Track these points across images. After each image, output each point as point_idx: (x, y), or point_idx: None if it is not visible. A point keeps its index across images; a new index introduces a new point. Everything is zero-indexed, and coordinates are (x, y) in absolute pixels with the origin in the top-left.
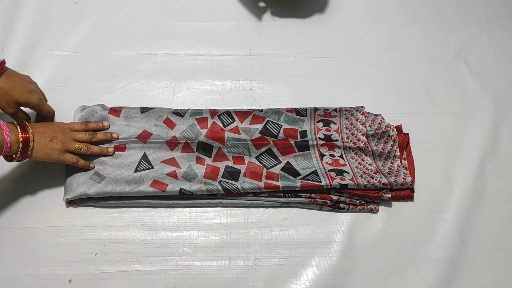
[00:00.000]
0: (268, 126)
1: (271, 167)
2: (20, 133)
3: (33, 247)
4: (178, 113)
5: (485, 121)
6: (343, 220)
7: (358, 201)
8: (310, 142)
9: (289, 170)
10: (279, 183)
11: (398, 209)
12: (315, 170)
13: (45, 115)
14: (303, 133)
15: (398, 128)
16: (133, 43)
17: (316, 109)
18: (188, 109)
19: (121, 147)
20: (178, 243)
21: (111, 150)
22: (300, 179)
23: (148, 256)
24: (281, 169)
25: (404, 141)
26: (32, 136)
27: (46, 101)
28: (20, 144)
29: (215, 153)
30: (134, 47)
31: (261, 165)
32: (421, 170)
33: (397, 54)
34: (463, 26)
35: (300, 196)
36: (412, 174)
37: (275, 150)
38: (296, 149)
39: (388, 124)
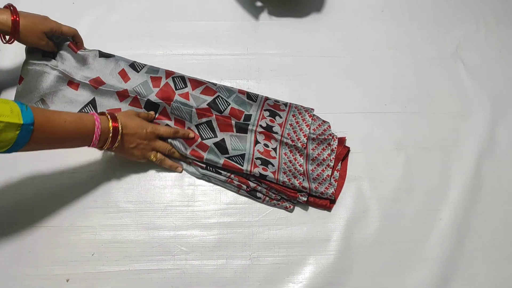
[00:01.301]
0: (217, 101)
1: (205, 139)
2: (111, 122)
3: (31, 247)
4: (135, 67)
5: (481, 120)
6: (340, 219)
7: (274, 195)
8: (250, 127)
9: (220, 147)
10: (205, 155)
11: (395, 208)
12: (244, 154)
13: (68, 35)
14: (247, 117)
15: (341, 140)
16: (130, 43)
17: (267, 98)
18: (145, 65)
19: (74, 85)
20: (175, 242)
21: (179, 169)
22: (225, 157)
23: (145, 255)
24: (213, 143)
25: (342, 153)
26: (122, 129)
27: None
28: (111, 132)
29: (159, 111)
30: (132, 47)
31: (198, 134)
32: (418, 169)
33: (394, 53)
34: (460, 25)
35: (220, 174)
36: (340, 187)
37: (214, 124)
38: (234, 129)
39: (332, 133)
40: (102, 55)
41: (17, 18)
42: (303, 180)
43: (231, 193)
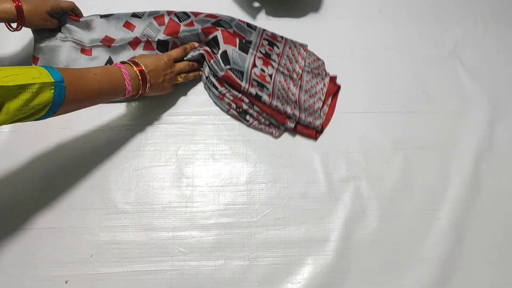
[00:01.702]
0: (220, 23)
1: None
2: (134, 67)
3: (30, 249)
4: (136, 15)
5: (480, 119)
6: (338, 219)
7: (263, 120)
8: (251, 50)
9: (223, 57)
10: (217, 54)
11: (394, 207)
12: (243, 71)
13: (67, 9)
14: (248, 42)
15: (333, 78)
16: None
17: (264, 30)
18: (145, 11)
19: (87, 51)
20: (174, 243)
21: (201, 73)
22: (227, 68)
23: (144, 256)
24: (219, 54)
25: (333, 89)
26: (145, 69)
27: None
28: (139, 76)
29: (170, 47)
30: None
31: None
32: (416, 168)
33: (392, 52)
34: (458, 24)
35: (217, 89)
36: (328, 119)
37: (220, 37)
38: (237, 46)
39: (326, 70)
40: (103, 16)
41: (20, 4)
42: (295, 108)
43: (229, 194)
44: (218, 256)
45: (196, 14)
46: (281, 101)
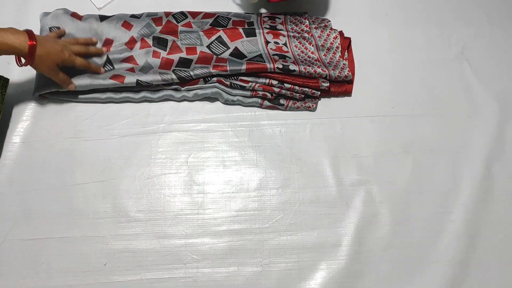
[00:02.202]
0: (218, 20)
1: (220, 54)
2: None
3: (44, 259)
4: (134, 16)
5: (489, 121)
6: (350, 224)
7: (298, 95)
8: (257, 30)
9: (237, 55)
10: (228, 66)
11: (405, 211)
12: (260, 54)
13: (79, 67)
14: (250, 24)
15: (341, 32)
16: None
17: (261, 13)
18: (143, 12)
19: None
20: (186, 251)
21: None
22: (246, 61)
23: (157, 264)
24: (229, 55)
25: (345, 43)
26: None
27: (73, 51)
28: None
29: (169, 46)
30: None
31: (211, 53)
32: (427, 171)
33: (399, 55)
34: (464, 26)
35: (244, 88)
36: (353, 73)
37: (224, 37)
38: (243, 35)
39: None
40: (103, 18)
41: (34, 44)
42: (321, 65)
43: (240, 200)
44: (231, 262)
45: (193, 15)
46: (307, 63)
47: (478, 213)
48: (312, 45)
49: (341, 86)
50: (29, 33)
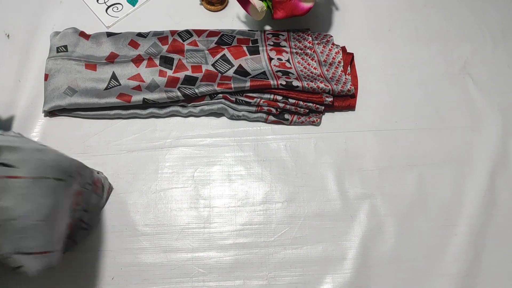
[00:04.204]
0: (223, 38)
1: (225, 72)
2: None
3: (51, 273)
4: (141, 35)
5: (493, 134)
6: (355, 237)
7: (302, 110)
8: (260, 48)
9: (241, 72)
10: (232, 83)
11: (410, 224)
12: (264, 71)
13: None
14: (254, 41)
15: (343, 48)
16: None
17: (265, 31)
18: (150, 31)
19: (91, 66)
20: (193, 264)
21: None
22: (250, 78)
23: (164, 278)
24: (234, 72)
25: (348, 58)
26: None
27: None
28: None
29: (175, 64)
30: None
31: (216, 71)
32: (431, 185)
33: (402, 71)
34: (467, 41)
35: (250, 104)
36: (356, 88)
37: (228, 55)
38: (247, 53)
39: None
40: (110, 35)
41: None
42: (323, 80)
43: (246, 214)
44: (237, 276)
45: (198, 33)
46: (309, 79)
47: (483, 226)
48: (315, 61)
49: (345, 101)
50: None
